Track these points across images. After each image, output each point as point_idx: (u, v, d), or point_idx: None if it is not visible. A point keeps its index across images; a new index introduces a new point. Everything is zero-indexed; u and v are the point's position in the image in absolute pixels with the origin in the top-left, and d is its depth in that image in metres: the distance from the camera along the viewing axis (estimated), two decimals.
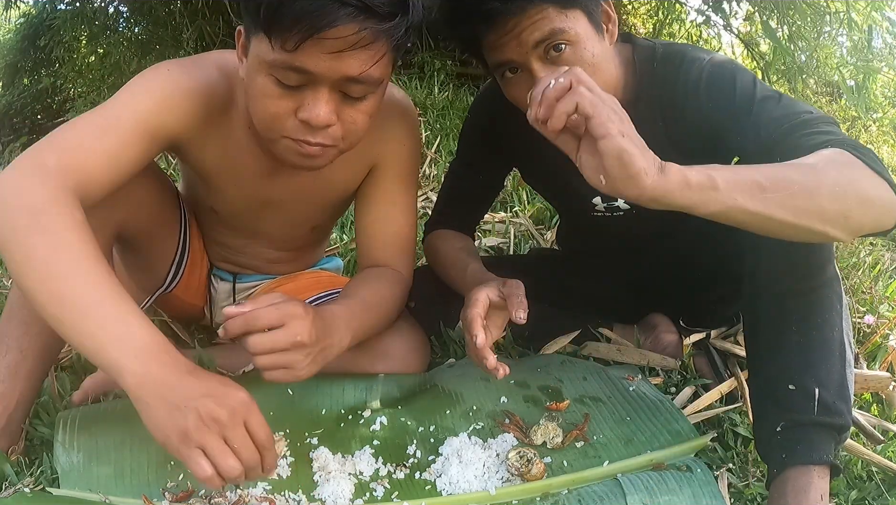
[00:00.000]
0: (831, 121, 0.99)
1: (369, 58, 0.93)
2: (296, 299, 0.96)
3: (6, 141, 6.30)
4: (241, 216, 1.31)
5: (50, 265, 0.84)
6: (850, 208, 0.87)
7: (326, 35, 0.88)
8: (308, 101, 0.96)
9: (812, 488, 0.94)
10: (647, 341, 1.46)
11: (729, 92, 1.08)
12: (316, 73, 0.93)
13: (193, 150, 1.15)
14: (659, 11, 5.83)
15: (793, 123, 0.99)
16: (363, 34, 0.89)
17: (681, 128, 1.17)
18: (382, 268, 1.24)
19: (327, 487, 1.01)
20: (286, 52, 0.90)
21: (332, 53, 0.90)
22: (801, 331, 1.00)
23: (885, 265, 2.21)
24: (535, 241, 2.28)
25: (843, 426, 0.98)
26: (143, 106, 1.01)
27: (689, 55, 1.16)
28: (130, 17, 5.11)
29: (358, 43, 0.90)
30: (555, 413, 1.17)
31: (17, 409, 1.08)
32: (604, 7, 1.11)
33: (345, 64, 0.92)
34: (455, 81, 4.32)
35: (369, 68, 0.94)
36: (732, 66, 1.13)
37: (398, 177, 1.26)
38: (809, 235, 0.88)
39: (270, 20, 0.90)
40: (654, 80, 1.18)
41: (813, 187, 0.85)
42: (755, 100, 1.05)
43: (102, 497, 0.99)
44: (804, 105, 1.04)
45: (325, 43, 0.89)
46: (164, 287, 1.37)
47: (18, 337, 1.07)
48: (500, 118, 1.31)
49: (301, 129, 0.99)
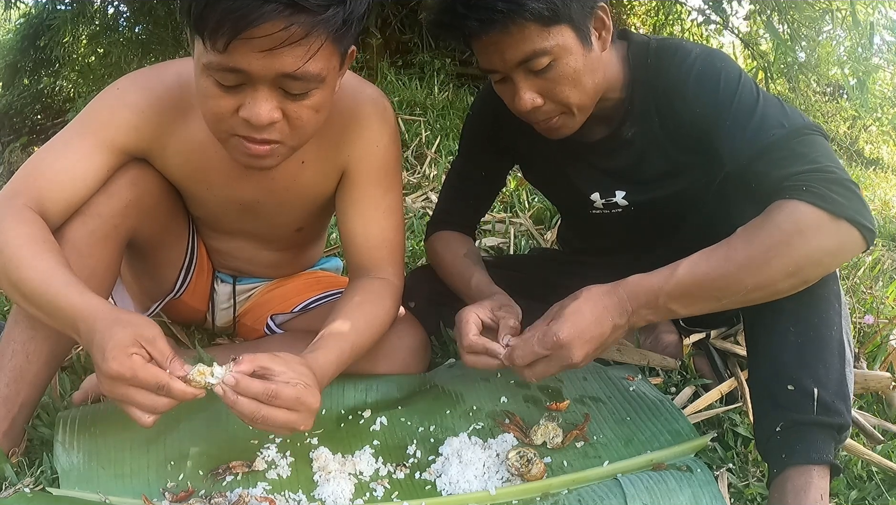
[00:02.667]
0: (808, 131, 1.00)
1: (304, 53, 0.89)
2: (308, 376, 0.97)
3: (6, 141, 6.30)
4: (220, 219, 1.31)
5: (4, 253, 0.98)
6: (808, 275, 0.96)
7: (253, 33, 0.86)
8: (248, 99, 0.94)
9: (812, 488, 0.94)
10: (647, 341, 1.46)
11: (713, 88, 1.10)
12: (250, 72, 0.90)
13: (157, 159, 1.17)
14: (659, 11, 5.83)
15: (765, 144, 1.01)
16: (292, 29, 0.86)
17: (674, 122, 1.18)
18: (372, 280, 1.22)
19: (327, 487, 1.01)
20: (218, 52, 0.88)
21: (263, 52, 0.88)
22: (799, 330, 1.00)
23: (885, 265, 2.21)
24: (535, 241, 2.28)
25: (842, 426, 0.97)
26: (94, 126, 1.09)
27: (682, 48, 1.17)
28: (130, 17, 5.12)
29: (288, 39, 0.87)
30: (555, 413, 1.17)
31: (20, 412, 1.08)
32: (598, 14, 1.11)
33: (278, 61, 0.89)
34: (455, 81, 4.31)
35: (304, 64, 0.90)
36: (721, 61, 1.13)
37: (376, 179, 1.22)
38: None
39: (199, 21, 0.88)
40: (648, 74, 1.18)
41: (763, 279, 0.94)
42: (734, 100, 1.07)
43: (102, 497, 0.99)
44: (783, 112, 1.04)
45: (254, 41, 0.87)
46: (174, 292, 1.37)
47: (24, 341, 1.07)
48: (502, 116, 1.31)
49: (245, 127, 0.97)
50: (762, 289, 0.96)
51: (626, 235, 1.41)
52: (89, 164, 1.08)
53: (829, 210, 0.91)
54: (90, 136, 1.08)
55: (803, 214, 0.92)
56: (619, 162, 1.27)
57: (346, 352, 1.09)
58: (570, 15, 1.06)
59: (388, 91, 3.81)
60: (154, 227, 1.23)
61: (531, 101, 1.11)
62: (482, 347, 1.09)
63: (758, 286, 0.95)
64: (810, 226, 0.91)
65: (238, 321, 1.51)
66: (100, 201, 1.10)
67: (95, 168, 1.08)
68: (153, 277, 1.36)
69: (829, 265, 0.96)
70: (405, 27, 4.43)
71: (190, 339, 1.56)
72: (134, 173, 1.14)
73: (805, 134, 1.00)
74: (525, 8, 1.02)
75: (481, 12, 1.03)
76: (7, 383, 1.06)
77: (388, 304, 1.21)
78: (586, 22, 1.09)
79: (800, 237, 0.91)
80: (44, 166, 1.06)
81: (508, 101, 1.17)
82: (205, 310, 1.49)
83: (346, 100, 1.16)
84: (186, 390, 0.89)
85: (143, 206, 1.16)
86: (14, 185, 1.05)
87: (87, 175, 1.08)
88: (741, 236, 0.96)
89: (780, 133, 1.00)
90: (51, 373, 1.11)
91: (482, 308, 1.15)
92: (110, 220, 1.11)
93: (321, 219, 1.39)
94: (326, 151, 1.19)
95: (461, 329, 1.12)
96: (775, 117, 1.03)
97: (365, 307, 1.17)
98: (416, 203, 2.68)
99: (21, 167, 1.08)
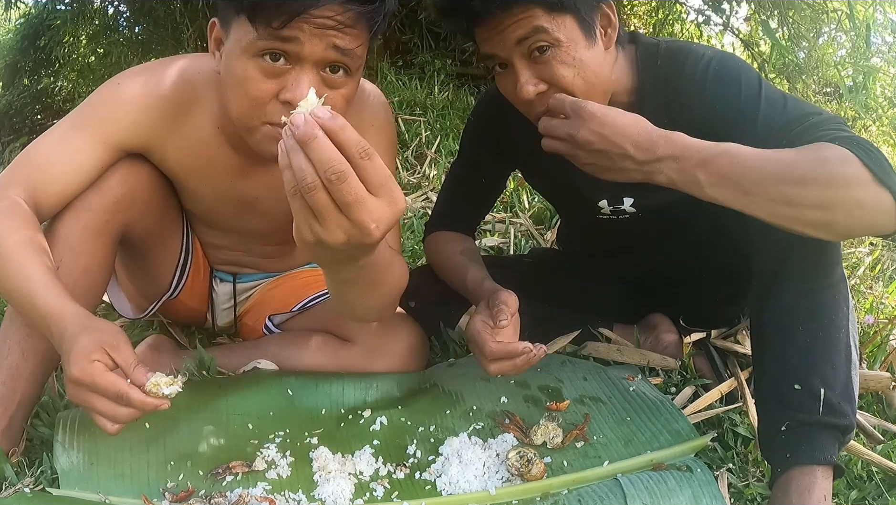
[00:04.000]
0: (840, 120, 0.99)
1: (350, 39, 0.96)
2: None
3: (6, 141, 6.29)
4: (217, 215, 1.31)
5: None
6: (836, 218, 0.90)
7: (315, 13, 0.92)
8: (291, 81, 0.97)
9: (815, 488, 0.94)
10: (647, 341, 1.46)
11: (734, 91, 1.08)
12: (302, 52, 0.95)
13: (156, 154, 1.17)
14: (659, 11, 5.83)
15: (803, 126, 0.99)
16: (348, 14, 0.93)
17: (686, 125, 1.16)
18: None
19: (327, 487, 1.01)
20: (273, 30, 0.92)
21: (318, 31, 0.93)
22: (807, 331, 1.00)
23: (885, 265, 2.21)
24: (535, 241, 2.28)
25: (847, 427, 0.97)
26: (92, 120, 1.09)
27: (695, 50, 1.16)
28: (130, 17, 5.12)
29: (343, 22, 0.93)
30: (555, 413, 1.17)
31: (17, 411, 1.08)
32: (604, 10, 1.10)
33: (330, 42, 0.95)
34: (455, 81, 4.31)
35: (354, 47, 0.96)
36: (738, 64, 1.13)
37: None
38: (791, 229, 0.93)
39: (254, 2, 0.92)
40: (658, 77, 1.17)
41: (796, 196, 0.89)
42: (761, 103, 1.05)
43: (102, 497, 0.99)
44: (811, 106, 1.04)
45: (313, 21, 0.92)
46: (171, 292, 1.37)
47: (20, 339, 1.07)
48: (503, 120, 1.31)
49: (282, 113, 0.98)
50: (790, 205, 0.90)
51: (632, 240, 1.41)
52: (85, 157, 1.08)
53: (877, 174, 0.88)
54: (88, 129, 1.09)
55: (853, 165, 0.88)
56: None
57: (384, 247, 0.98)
58: (576, 5, 1.06)
59: (388, 91, 3.81)
60: (147, 223, 1.22)
61: (534, 87, 1.08)
62: (504, 353, 1.10)
63: (788, 200, 0.90)
64: (856, 176, 0.88)
65: (239, 321, 1.51)
66: (90, 196, 1.10)
67: (91, 162, 1.09)
68: (149, 277, 1.36)
69: (857, 220, 0.91)
70: (405, 27, 4.43)
71: (190, 339, 1.55)
72: (125, 169, 1.14)
73: (840, 121, 0.99)
74: None
75: None
76: (3, 381, 1.06)
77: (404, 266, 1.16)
78: (592, 15, 1.09)
79: (844, 179, 0.88)
80: (39, 158, 1.06)
81: (510, 92, 1.14)
82: (204, 310, 1.48)
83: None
84: (146, 401, 0.89)
85: (135, 202, 1.16)
86: (8, 175, 1.05)
87: (83, 168, 1.08)
88: (796, 151, 0.93)
89: (817, 119, 0.99)
90: (47, 370, 1.11)
91: (483, 315, 1.15)
92: (101, 216, 1.11)
93: None
94: None
95: (478, 340, 1.12)
96: (807, 107, 1.03)
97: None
98: (416, 203, 2.68)
99: (16, 158, 1.08)
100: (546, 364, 1.35)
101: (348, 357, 1.31)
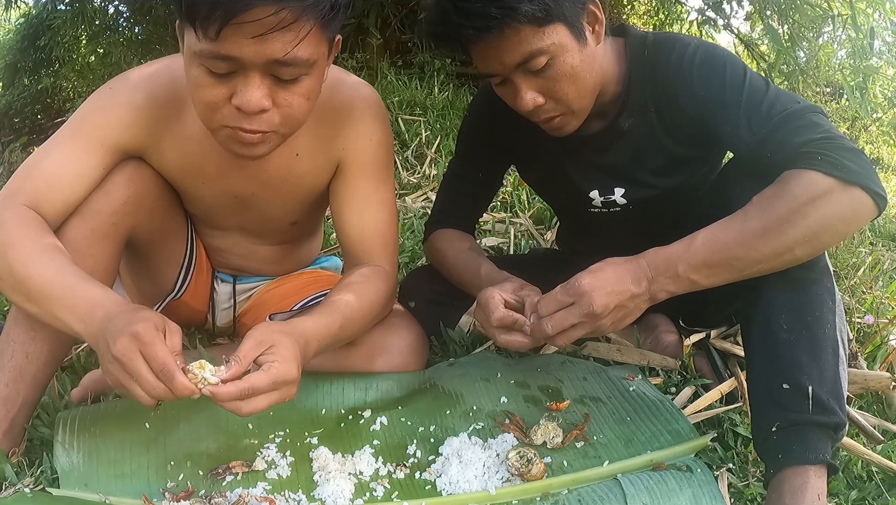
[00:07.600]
0: (817, 109, 1.04)
1: (293, 38, 0.92)
2: (284, 345, 0.96)
3: (6, 141, 6.30)
4: (216, 214, 1.31)
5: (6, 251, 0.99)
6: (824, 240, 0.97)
7: (244, 19, 0.88)
8: (239, 87, 0.95)
9: (809, 488, 0.94)
10: (647, 341, 1.46)
11: (719, 77, 1.11)
12: (241, 58, 0.92)
13: (153, 156, 1.17)
14: (659, 11, 5.84)
15: (781, 116, 1.03)
16: (282, 14, 0.89)
17: (673, 113, 1.19)
18: (367, 267, 1.23)
19: (327, 487, 1.01)
20: (210, 40, 0.90)
21: (253, 37, 0.90)
22: (792, 328, 1.00)
23: (885, 265, 2.21)
24: (535, 241, 2.28)
25: (838, 424, 0.97)
26: (88, 126, 1.10)
27: (682, 40, 1.19)
28: (130, 17, 5.13)
29: (278, 24, 0.89)
30: (555, 413, 1.17)
31: (20, 412, 1.08)
32: (590, 9, 1.12)
33: (268, 47, 0.91)
34: (455, 81, 4.31)
35: (294, 49, 0.92)
36: (723, 53, 1.15)
37: (370, 172, 1.24)
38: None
39: (190, 10, 0.90)
40: (645, 67, 1.20)
41: (780, 245, 0.96)
42: (744, 90, 1.09)
43: (102, 497, 0.99)
44: (792, 95, 1.08)
45: (245, 27, 0.89)
46: (175, 293, 1.37)
47: (25, 342, 1.08)
48: (498, 116, 1.32)
49: (236, 117, 0.98)
50: (780, 257, 0.97)
51: (624, 235, 1.41)
52: (85, 164, 1.09)
53: (841, 178, 0.93)
54: (84, 136, 1.09)
55: (816, 183, 0.94)
56: (616, 156, 1.28)
57: (337, 322, 1.10)
58: (563, 13, 1.07)
59: (388, 91, 3.81)
60: (152, 225, 1.23)
61: (533, 101, 1.12)
62: (512, 320, 1.10)
63: (775, 254, 0.97)
64: (823, 193, 0.93)
65: (238, 321, 1.51)
66: (98, 199, 1.10)
67: (91, 168, 1.09)
68: (153, 279, 1.36)
69: (843, 231, 0.98)
70: (405, 27, 4.43)
71: (190, 339, 1.55)
72: (130, 171, 1.14)
73: (817, 110, 1.04)
74: (518, 11, 1.03)
75: (476, 20, 1.04)
76: (7, 383, 1.07)
77: (382, 286, 1.22)
78: (579, 18, 1.10)
79: (813, 205, 0.94)
80: (39, 168, 1.07)
81: (510, 101, 1.18)
82: (205, 311, 1.49)
83: (341, 95, 1.19)
84: (185, 383, 0.89)
85: (141, 204, 1.16)
86: (11, 187, 1.06)
87: (83, 175, 1.09)
88: (757, 205, 0.98)
89: (796, 106, 1.04)
90: (50, 373, 1.12)
91: (504, 289, 1.15)
92: (109, 218, 1.11)
93: (315, 212, 1.41)
94: (321, 145, 1.21)
95: (488, 306, 1.12)
96: (788, 96, 1.07)
97: (356, 286, 1.18)
98: (416, 203, 2.68)
99: (17, 170, 1.09)
100: (546, 364, 1.35)
101: (348, 356, 1.31)
